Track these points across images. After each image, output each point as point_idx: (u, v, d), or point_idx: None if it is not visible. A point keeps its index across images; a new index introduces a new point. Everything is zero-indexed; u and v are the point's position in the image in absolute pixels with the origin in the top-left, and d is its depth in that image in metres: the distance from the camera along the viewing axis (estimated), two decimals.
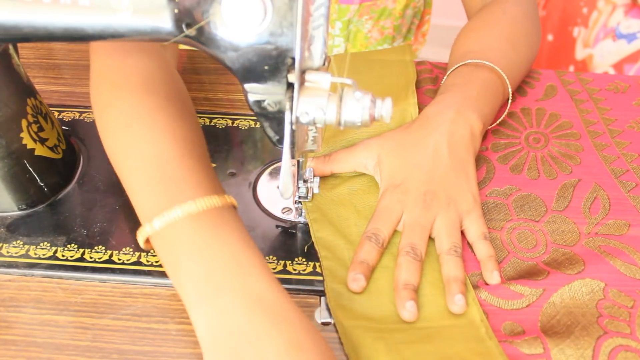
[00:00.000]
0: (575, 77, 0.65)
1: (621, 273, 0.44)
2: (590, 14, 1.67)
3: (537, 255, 0.47)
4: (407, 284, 0.42)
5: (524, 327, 0.41)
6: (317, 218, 0.48)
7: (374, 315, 0.42)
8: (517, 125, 0.59)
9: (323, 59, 0.35)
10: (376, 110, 0.36)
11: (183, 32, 0.35)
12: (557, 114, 0.60)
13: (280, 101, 0.37)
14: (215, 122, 0.58)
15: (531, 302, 0.43)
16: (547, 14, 1.93)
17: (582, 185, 0.52)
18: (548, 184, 0.53)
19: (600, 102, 0.61)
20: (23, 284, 0.44)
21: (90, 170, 0.53)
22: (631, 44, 1.47)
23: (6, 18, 0.36)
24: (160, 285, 0.44)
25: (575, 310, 0.42)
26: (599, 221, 0.49)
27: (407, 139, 0.49)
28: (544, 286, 0.43)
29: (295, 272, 0.45)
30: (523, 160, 0.55)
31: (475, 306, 0.42)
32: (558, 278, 0.44)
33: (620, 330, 0.40)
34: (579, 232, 0.48)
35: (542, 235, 0.48)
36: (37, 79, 0.63)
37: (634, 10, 1.52)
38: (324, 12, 0.34)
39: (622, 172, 0.54)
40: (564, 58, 1.78)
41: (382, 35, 0.80)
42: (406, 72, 0.61)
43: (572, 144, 0.57)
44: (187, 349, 0.40)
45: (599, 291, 0.43)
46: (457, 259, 0.44)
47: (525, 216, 0.50)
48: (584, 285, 0.43)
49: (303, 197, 0.49)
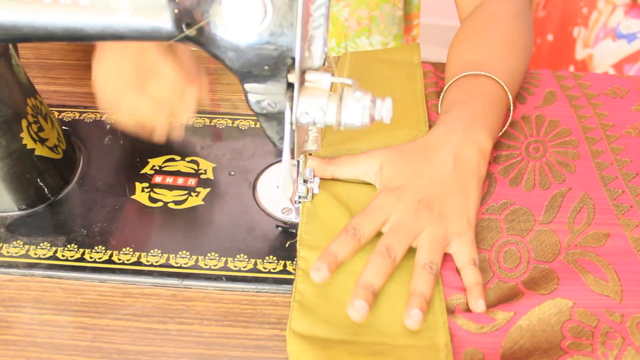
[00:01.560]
0: (575, 82, 0.64)
1: (590, 290, 0.43)
2: (590, 14, 1.67)
3: (518, 275, 0.45)
4: (367, 284, 0.40)
5: (484, 354, 0.40)
6: (310, 220, 0.47)
7: (335, 321, 0.40)
8: (519, 134, 0.57)
9: (323, 59, 0.35)
10: (376, 111, 0.36)
11: (183, 32, 0.35)
12: (557, 120, 0.59)
13: (280, 101, 0.37)
14: (215, 122, 0.58)
15: (500, 326, 0.41)
16: (547, 14, 1.93)
17: (571, 194, 0.51)
18: (540, 195, 0.51)
19: (599, 107, 0.61)
20: (23, 284, 0.44)
21: (90, 170, 0.53)
22: (631, 44, 1.47)
23: (6, 18, 0.36)
24: (160, 285, 0.44)
25: (539, 334, 0.40)
26: (581, 231, 0.48)
27: (413, 153, 0.49)
28: (515, 309, 0.41)
29: (295, 272, 0.45)
30: (522, 172, 0.53)
31: (444, 330, 0.40)
32: (531, 299, 0.42)
33: (581, 349, 0.39)
34: (560, 245, 0.47)
35: (526, 252, 0.46)
36: (37, 79, 0.63)
37: (634, 10, 1.52)
38: (324, 12, 0.34)
39: (611, 179, 0.52)
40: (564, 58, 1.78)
41: (360, 26, 0.80)
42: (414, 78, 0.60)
43: (569, 151, 0.55)
44: (187, 349, 0.40)
45: (566, 311, 0.42)
46: (430, 276, 0.41)
47: (514, 232, 0.48)
48: (554, 305, 0.42)
49: (303, 197, 0.49)
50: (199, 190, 0.51)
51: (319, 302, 0.42)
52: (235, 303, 0.43)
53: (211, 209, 0.49)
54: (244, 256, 0.45)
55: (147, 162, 0.53)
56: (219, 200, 0.50)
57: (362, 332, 0.40)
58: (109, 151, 0.55)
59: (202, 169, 0.53)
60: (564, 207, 0.50)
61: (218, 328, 0.41)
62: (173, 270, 0.44)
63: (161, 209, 0.49)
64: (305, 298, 0.42)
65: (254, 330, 0.41)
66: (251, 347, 0.40)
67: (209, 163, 0.54)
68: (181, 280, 0.44)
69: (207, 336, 0.41)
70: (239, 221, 0.48)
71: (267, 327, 0.41)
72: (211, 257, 0.45)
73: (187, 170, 0.53)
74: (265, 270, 0.45)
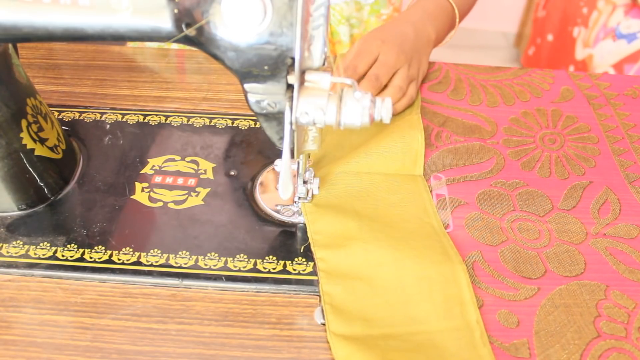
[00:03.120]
0: (592, 81, 0.65)
1: (623, 277, 0.44)
2: (590, 14, 1.67)
3: (540, 246, 0.47)
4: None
5: (518, 318, 0.41)
6: (316, 219, 0.48)
7: (368, 315, 0.42)
8: (532, 124, 0.59)
9: (323, 59, 0.35)
10: (376, 111, 0.36)
11: (183, 32, 0.35)
12: (574, 116, 0.60)
13: (280, 101, 0.37)
14: (215, 122, 0.58)
15: (528, 296, 0.43)
16: (547, 14, 1.93)
17: (593, 187, 0.52)
18: (558, 183, 0.53)
19: (619, 107, 0.62)
20: (23, 284, 0.44)
21: (90, 170, 0.53)
22: (631, 44, 1.47)
23: (6, 18, 0.36)
24: (160, 285, 0.44)
25: (574, 309, 0.42)
26: (608, 223, 0.49)
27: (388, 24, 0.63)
28: (539, 285, 0.43)
29: (295, 272, 0.45)
30: (536, 159, 0.55)
31: (473, 306, 0.42)
32: (554, 279, 0.44)
33: (614, 333, 0.40)
34: (586, 231, 0.48)
35: (547, 231, 0.48)
36: (37, 79, 0.63)
37: (634, 10, 1.52)
38: (324, 12, 0.34)
39: (636, 178, 0.54)
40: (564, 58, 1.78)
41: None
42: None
43: (588, 147, 0.57)
44: (187, 349, 0.40)
45: (600, 292, 0.43)
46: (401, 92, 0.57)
47: (529, 210, 0.50)
48: (584, 286, 0.43)
49: (303, 197, 0.49)
50: (199, 190, 0.51)
51: (349, 299, 0.42)
52: (235, 303, 0.43)
53: (211, 209, 0.49)
54: (243, 256, 0.46)
55: (147, 162, 0.53)
56: (219, 200, 0.50)
57: (398, 323, 0.41)
58: (109, 151, 0.55)
59: (202, 169, 0.53)
60: (585, 198, 0.51)
61: (218, 328, 0.41)
62: (173, 270, 0.44)
63: (161, 209, 0.49)
64: (335, 299, 0.42)
65: (253, 330, 0.41)
66: (251, 347, 0.40)
67: (208, 163, 0.54)
68: (181, 280, 0.44)
69: (207, 336, 0.41)
70: (238, 221, 0.48)
71: (267, 327, 0.41)
72: (211, 257, 0.45)
73: (187, 170, 0.53)
74: (265, 270, 0.45)
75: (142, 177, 0.52)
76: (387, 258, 0.45)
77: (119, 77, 0.64)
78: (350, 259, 0.45)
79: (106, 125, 0.57)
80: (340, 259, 0.45)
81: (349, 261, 0.45)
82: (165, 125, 0.58)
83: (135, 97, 0.61)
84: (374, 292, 0.43)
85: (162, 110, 0.60)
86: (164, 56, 0.68)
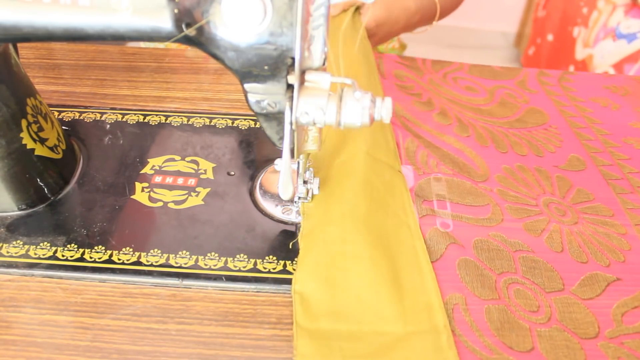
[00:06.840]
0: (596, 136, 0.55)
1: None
2: (590, 14, 1.67)
3: (535, 321, 0.40)
4: None
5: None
6: (312, 220, 0.47)
7: (338, 309, 0.41)
8: (532, 183, 0.51)
9: (323, 59, 0.35)
10: (376, 111, 0.36)
11: (183, 32, 0.35)
12: (589, 193, 0.50)
13: (280, 101, 0.37)
14: (215, 122, 0.58)
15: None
16: (547, 14, 1.93)
17: (621, 287, 0.43)
18: (573, 264, 0.44)
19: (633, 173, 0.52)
20: (23, 284, 0.44)
21: (90, 170, 0.53)
22: (631, 44, 1.47)
23: (6, 18, 0.36)
24: (160, 285, 0.44)
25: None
26: (633, 333, 0.40)
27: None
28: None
29: (294, 272, 0.45)
30: (542, 227, 0.47)
31: (441, 311, 0.41)
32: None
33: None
34: (599, 330, 0.40)
35: (548, 307, 0.41)
36: (37, 79, 0.63)
37: (634, 10, 1.52)
38: (324, 12, 0.34)
39: None
40: (564, 58, 1.78)
41: None
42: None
43: (614, 237, 0.46)
44: (187, 349, 0.40)
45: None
46: None
47: (534, 280, 0.42)
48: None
49: (303, 197, 0.49)
50: (199, 190, 0.51)
51: (320, 289, 0.42)
52: (235, 303, 0.43)
53: (211, 209, 0.49)
54: (243, 256, 0.46)
55: (147, 162, 0.53)
56: (219, 200, 0.50)
57: (366, 320, 0.40)
58: (109, 151, 0.55)
59: (202, 168, 0.53)
60: (608, 295, 0.42)
61: (218, 328, 0.41)
62: (173, 270, 0.44)
63: (161, 209, 0.49)
64: (306, 287, 0.42)
65: (253, 330, 0.41)
66: (251, 347, 0.40)
67: (208, 163, 0.54)
68: (181, 280, 0.44)
69: (207, 336, 0.41)
70: (238, 221, 0.48)
71: (267, 327, 0.41)
72: (211, 257, 0.45)
73: (187, 170, 0.53)
74: (265, 270, 0.45)
75: (142, 177, 0.52)
76: (364, 254, 0.44)
77: (119, 77, 0.64)
78: (328, 247, 0.45)
79: (106, 125, 0.57)
80: (318, 250, 0.45)
81: (327, 249, 0.44)
82: (165, 125, 0.58)
83: (135, 97, 0.61)
84: (347, 284, 0.42)
85: (162, 110, 0.60)
86: (164, 56, 0.68)
